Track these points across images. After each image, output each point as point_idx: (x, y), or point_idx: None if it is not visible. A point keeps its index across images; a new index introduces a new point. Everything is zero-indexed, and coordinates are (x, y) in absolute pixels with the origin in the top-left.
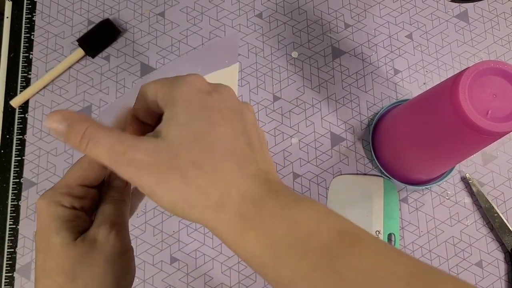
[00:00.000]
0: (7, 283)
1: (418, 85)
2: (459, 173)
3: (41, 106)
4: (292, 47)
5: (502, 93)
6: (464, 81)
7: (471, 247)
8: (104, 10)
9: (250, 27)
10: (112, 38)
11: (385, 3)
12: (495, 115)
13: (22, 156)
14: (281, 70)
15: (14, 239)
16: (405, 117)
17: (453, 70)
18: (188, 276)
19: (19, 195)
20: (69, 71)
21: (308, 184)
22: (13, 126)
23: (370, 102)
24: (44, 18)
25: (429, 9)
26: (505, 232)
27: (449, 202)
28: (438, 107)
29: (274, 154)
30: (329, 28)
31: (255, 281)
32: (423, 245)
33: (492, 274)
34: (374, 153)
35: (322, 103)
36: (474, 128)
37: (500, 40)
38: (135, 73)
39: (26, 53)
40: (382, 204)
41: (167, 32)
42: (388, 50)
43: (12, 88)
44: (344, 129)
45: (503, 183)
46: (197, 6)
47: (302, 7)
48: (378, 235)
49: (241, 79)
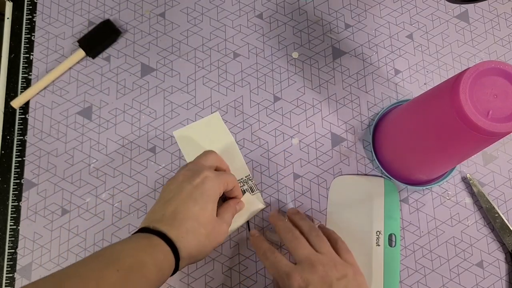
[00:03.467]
0: (8, 283)
1: (418, 85)
2: (459, 173)
3: (42, 107)
4: (293, 47)
5: (502, 93)
6: (464, 82)
7: (471, 248)
8: (104, 10)
9: (250, 27)
10: (113, 38)
11: (386, 3)
12: (496, 116)
13: (23, 157)
14: (282, 70)
15: (15, 240)
16: (406, 118)
17: (454, 70)
18: (188, 277)
19: (20, 196)
20: (69, 71)
21: (309, 184)
22: (14, 127)
23: (370, 103)
24: (45, 18)
25: (429, 9)
26: (506, 232)
27: (449, 203)
28: (438, 107)
29: (275, 155)
30: (329, 28)
31: (255, 282)
32: (423, 246)
33: (492, 275)
34: (374, 154)
35: (323, 103)
36: (474, 128)
37: (501, 41)
38: (135, 74)
39: (26, 53)
40: (383, 205)
41: (168, 32)
42: (388, 50)
43: (12, 89)
44: (345, 130)
45: (504, 183)
46: (198, 6)
47: (303, 7)
48: (379, 236)
49: (242, 80)
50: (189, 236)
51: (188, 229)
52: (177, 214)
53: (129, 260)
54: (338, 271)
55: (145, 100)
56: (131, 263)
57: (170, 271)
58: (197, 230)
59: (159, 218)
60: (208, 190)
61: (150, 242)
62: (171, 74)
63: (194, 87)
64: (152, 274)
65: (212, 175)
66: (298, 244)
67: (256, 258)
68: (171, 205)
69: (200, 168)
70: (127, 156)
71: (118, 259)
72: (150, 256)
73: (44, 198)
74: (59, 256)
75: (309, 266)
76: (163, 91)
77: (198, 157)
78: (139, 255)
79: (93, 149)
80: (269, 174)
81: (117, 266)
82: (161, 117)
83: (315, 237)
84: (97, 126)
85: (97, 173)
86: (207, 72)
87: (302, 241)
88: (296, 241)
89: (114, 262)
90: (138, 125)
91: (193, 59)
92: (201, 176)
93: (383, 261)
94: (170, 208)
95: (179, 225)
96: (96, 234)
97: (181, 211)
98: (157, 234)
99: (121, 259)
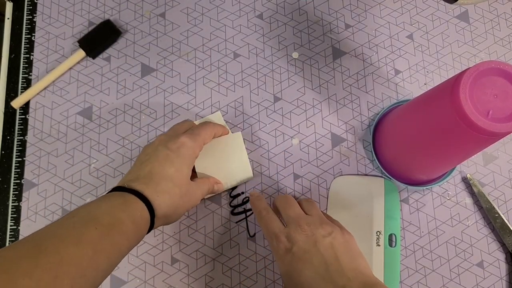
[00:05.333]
0: None
1: (418, 86)
2: (460, 173)
3: (42, 107)
4: (293, 47)
5: (503, 93)
6: (465, 82)
7: (472, 248)
8: (104, 11)
9: (250, 27)
10: (113, 39)
11: (386, 4)
12: (496, 116)
13: (23, 157)
14: (282, 70)
15: (15, 240)
16: (406, 118)
17: (454, 70)
18: (189, 277)
19: (20, 196)
20: (69, 72)
21: (309, 185)
22: (14, 127)
23: (370, 103)
24: (45, 19)
25: (429, 10)
26: (506, 232)
27: (450, 203)
28: (438, 107)
29: (275, 155)
30: (329, 28)
31: (255, 282)
32: (424, 246)
33: (493, 275)
34: (374, 154)
35: (323, 103)
36: (474, 128)
37: (501, 41)
38: (135, 74)
39: (26, 54)
40: (383, 205)
41: (168, 33)
42: (388, 51)
43: (13, 89)
44: (345, 130)
45: (504, 184)
46: (198, 7)
47: (303, 7)
48: (379, 236)
49: (242, 80)
50: (164, 196)
51: (164, 189)
52: (153, 174)
53: (107, 218)
54: (324, 229)
55: (145, 100)
56: (109, 220)
57: (146, 228)
58: (172, 190)
59: (135, 178)
60: (184, 154)
61: (125, 200)
62: (171, 75)
63: (194, 88)
64: (130, 230)
65: (187, 140)
66: (289, 207)
67: (256, 258)
68: (146, 166)
69: (176, 134)
70: (127, 157)
71: (96, 217)
72: (126, 213)
73: (45, 198)
74: None
75: (295, 226)
76: (163, 91)
77: (175, 124)
78: (116, 212)
79: (93, 149)
80: (269, 175)
81: (95, 224)
82: (161, 117)
83: (305, 201)
84: (97, 126)
85: (97, 173)
86: (207, 73)
87: (294, 203)
88: (287, 205)
89: (92, 220)
90: (138, 125)
91: (193, 60)
92: (177, 142)
93: (383, 261)
94: (146, 168)
95: (155, 185)
96: None
97: (157, 172)
98: (133, 193)
99: (99, 217)
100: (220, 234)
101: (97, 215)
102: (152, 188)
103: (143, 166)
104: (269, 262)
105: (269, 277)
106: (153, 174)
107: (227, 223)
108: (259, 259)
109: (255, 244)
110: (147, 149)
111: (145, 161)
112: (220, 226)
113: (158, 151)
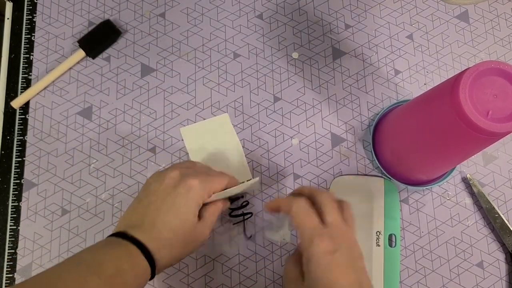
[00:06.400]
0: (8, 284)
1: (418, 86)
2: (460, 173)
3: (42, 107)
4: (293, 47)
5: (502, 93)
6: (464, 82)
7: (472, 248)
8: (104, 11)
9: (250, 28)
10: (113, 39)
11: (386, 4)
12: (496, 116)
13: (23, 157)
14: (282, 71)
15: (15, 240)
16: (406, 118)
17: (454, 70)
18: (188, 277)
19: (20, 196)
20: (69, 72)
21: (309, 185)
22: (14, 127)
23: (370, 103)
24: (45, 19)
25: (429, 10)
26: (506, 232)
27: (450, 203)
28: (438, 107)
29: (275, 155)
30: (329, 28)
31: (255, 282)
32: (423, 246)
33: (493, 275)
34: (374, 154)
35: (323, 103)
36: (474, 128)
37: (501, 41)
38: (135, 74)
39: (26, 54)
40: (383, 205)
41: (168, 33)
42: (388, 51)
43: (12, 89)
44: (345, 130)
45: (504, 184)
46: (198, 7)
47: (303, 8)
48: (379, 236)
49: (242, 80)
50: (166, 249)
51: (166, 244)
52: (157, 223)
53: (111, 268)
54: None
55: (145, 100)
56: (112, 272)
57: (147, 279)
58: (175, 243)
59: (139, 224)
60: (192, 198)
61: (129, 251)
62: (171, 75)
63: (194, 88)
64: (132, 282)
65: (196, 184)
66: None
67: (256, 258)
68: (151, 212)
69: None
70: (127, 157)
71: (100, 265)
72: (129, 264)
73: (44, 198)
74: (59, 257)
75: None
76: (163, 91)
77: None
78: (120, 263)
79: (93, 149)
80: (269, 175)
81: (99, 273)
82: (161, 117)
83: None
84: (97, 126)
85: (97, 173)
86: (207, 73)
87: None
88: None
89: (97, 268)
90: (138, 125)
91: (193, 60)
92: (186, 184)
93: (383, 262)
94: (151, 215)
95: (157, 236)
96: (96, 234)
97: (162, 221)
98: (135, 243)
99: (103, 266)
100: (220, 234)
101: (102, 263)
102: (155, 241)
103: (147, 210)
104: (269, 262)
105: (269, 277)
106: (158, 223)
107: (227, 223)
108: (258, 259)
109: (255, 244)
110: (155, 185)
111: (152, 203)
112: (220, 226)
113: (166, 194)
